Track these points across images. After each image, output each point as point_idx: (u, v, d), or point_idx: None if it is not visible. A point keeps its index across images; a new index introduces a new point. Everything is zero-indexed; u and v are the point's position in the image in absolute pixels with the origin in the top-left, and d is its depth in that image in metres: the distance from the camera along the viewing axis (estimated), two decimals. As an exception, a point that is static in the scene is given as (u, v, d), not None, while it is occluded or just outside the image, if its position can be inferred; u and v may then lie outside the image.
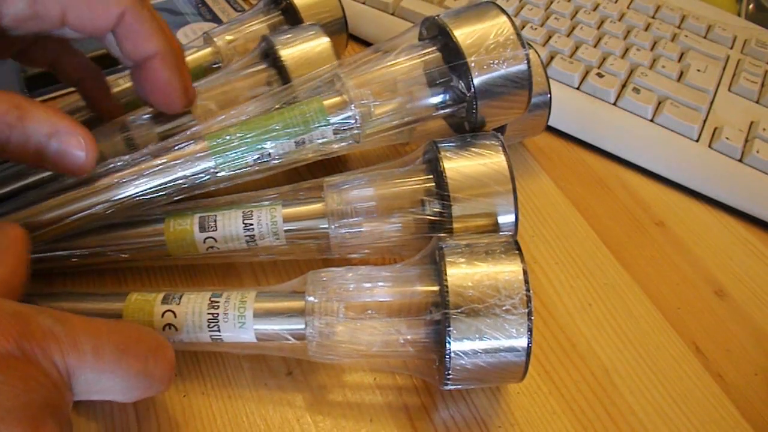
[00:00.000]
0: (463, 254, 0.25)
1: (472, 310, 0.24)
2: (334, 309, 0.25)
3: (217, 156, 0.28)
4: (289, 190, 0.31)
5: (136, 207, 0.29)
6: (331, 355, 0.26)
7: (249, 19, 0.39)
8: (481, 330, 0.24)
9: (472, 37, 0.29)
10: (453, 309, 0.24)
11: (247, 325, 0.25)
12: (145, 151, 0.29)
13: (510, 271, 0.24)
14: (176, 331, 0.25)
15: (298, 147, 0.29)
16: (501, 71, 0.29)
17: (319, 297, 0.25)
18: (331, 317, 0.25)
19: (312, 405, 0.28)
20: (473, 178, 0.28)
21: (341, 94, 0.30)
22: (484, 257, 0.25)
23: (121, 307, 0.26)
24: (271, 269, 0.32)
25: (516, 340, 0.24)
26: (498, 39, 0.29)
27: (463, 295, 0.24)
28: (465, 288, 0.24)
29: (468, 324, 0.24)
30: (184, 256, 0.30)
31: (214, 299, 0.26)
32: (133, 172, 0.28)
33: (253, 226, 0.29)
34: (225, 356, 0.29)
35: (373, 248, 0.30)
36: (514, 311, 0.24)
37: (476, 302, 0.24)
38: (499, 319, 0.24)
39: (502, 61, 0.29)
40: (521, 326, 0.24)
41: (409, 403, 0.28)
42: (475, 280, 0.24)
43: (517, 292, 0.24)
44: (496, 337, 0.24)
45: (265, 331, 0.25)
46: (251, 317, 0.25)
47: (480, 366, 0.24)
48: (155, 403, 0.27)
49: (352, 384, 0.28)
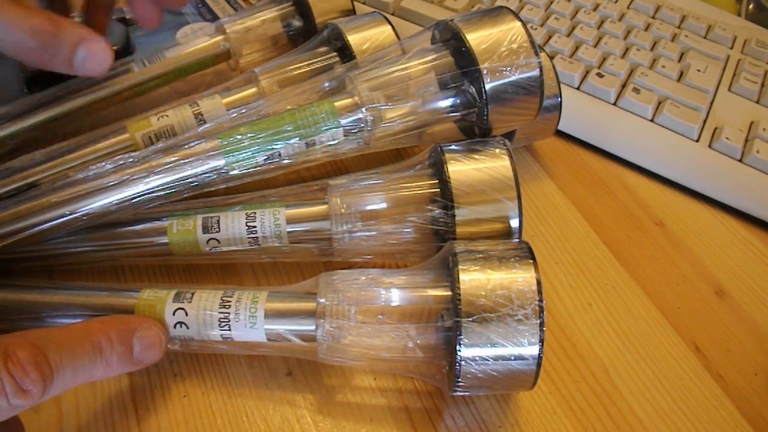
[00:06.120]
0: (477, 261, 0.25)
1: (484, 319, 0.24)
2: (345, 312, 0.25)
3: (228, 155, 0.28)
4: (293, 192, 0.31)
5: (146, 203, 0.29)
6: (340, 357, 0.26)
7: (260, 9, 0.40)
8: (492, 339, 0.23)
9: (486, 42, 0.29)
10: (465, 317, 0.23)
11: (258, 325, 0.25)
12: (155, 147, 0.29)
13: (523, 281, 0.24)
14: (187, 329, 0.26)
15: (308, 148, 0.29)
16: (513, 78, 0.29)
17: (330, 299, 0.25)
18: (343, 320, 0.25)
19: (312, 405, 0.28)
20: (478, 184, 0.28)
21: (352, 96, 0.30)
22: (498, 265, 0.25)
23: (134, 303, 0.26)
24: (272, 270, 0.32)
25: (527, 350, 0.24)
26: (511, 45, 0.29)
27: (475, 304, 0.24)
28: (477, 296, 0.24)
29: (479, 333, 0.23)
30: (187, 256, 0.30)
31: (226, 298, 0.26)
32: (143, 169, 0.28)
33: (256, 227, 0.29)
34: (225, 356, 0.29)
35: (375, 252, 0.30)
36: (526, 321, 0.24)
37: (488, 311, 0.24)
38: (510, 328, 0.24)
39: (514, 68, 0.29)
40: (533, 336, 0.24)
41: (410, 404, 0.28)
42: (488, 289, 0.24)
43: (529, 302, 0.24)
44: (507, 346, 0.24)
45: (276, 332, 0.25)
46: (262, 317, 0.25)
47: (489, 374, 0.24)
48: (155, 403, 0.27)
49: (353, 384, 0.28)
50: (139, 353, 0.24)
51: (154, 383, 0.28)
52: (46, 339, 0.21)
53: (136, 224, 0.30)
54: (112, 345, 0.23)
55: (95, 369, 0.22)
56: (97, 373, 0.23)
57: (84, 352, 0.22)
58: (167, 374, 0.28)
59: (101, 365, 0.22)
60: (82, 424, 0.26)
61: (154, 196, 0.28)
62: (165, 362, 0.28)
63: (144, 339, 0.24)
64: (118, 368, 0.23)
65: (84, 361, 0.22)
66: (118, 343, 0.23)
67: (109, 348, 0.23)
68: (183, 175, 0.28)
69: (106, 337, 0.23)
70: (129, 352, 0.24)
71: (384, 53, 0.32)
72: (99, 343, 0.22)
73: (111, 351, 0.23)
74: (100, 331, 0.23)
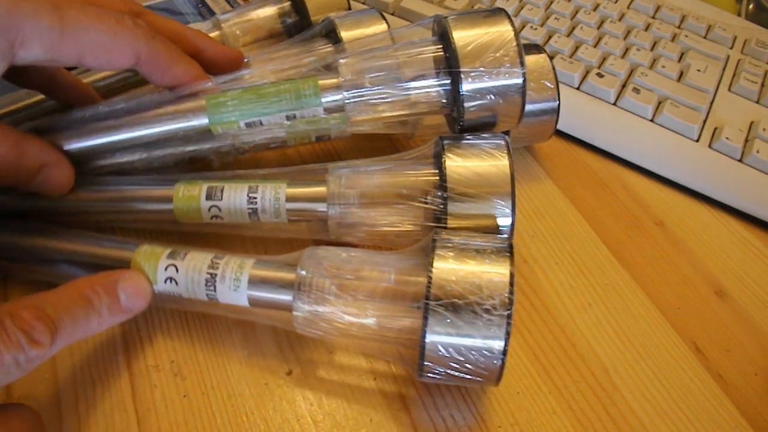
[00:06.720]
0: (454, 249, 0.25)
1: (452, 305, 0.24)
2: (323, 285, 0.26)
3: (212, 115, 0.30)
4: (298, 170, 0.32)
5: (135, 149, 0.31)
6: (315, 329, 0.26)
7: (257, 6, 0.40)
8: (458, 325, 0.24)
9: (472, 44, 0.29)
10: (433, 300, 0.24)
11: (241, 289, 0.26)
12: (148, 99, 0.31)
13: (496, 272, 0.24)
14: (176, 285, 0.27)
15: (288, 121, 0.31)
16: (493, 84, 0.29)
17: (310, 272, 0.26)
18: (319, 293, 0.26)
19: (312, 405, 0.28)
20: (473, 178, 0.28)
21: (337, 78, 0.30)
22: (474, 255, 0.25)
23: (131, 256, 0.27)
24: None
25: (492, 342, 0.24)
26: (497, 52, 0.29)
27: (444, 288, 0.24)
28: (448, 282, 0.24)
29: (446, 317, 0.24)
30: (188, 222, 0.31)
31: (216, 261, 0.27)
32: (136, 119, 0.30)
33: (256, 199, 0.29)
34: (225, 356, 0.29)
35: (369, 234, 0.30)
36: (493, 312, 0.24)
37: (457, 297, 0.24)
38: (477, 317, 0.24)
39: (495, 75, 0.29)
40: (499, 328, 0.23)
41: (410, 404, 0.28)
42: (459, 276, 0.24)
43: (499, 292, 0.24)
44: (472, 335, 0.24)
45: (257, 298, 0.26)
46: (246, 282, 0.26)
47: (455, 361, 0.24)
48: (155, 403, 0.27)
49: (353, 384, 0.28)
50: (126, 301, 0.26)
51: (154, 383, 0.28)
52: (40, 300, 0.23)
53: (147, 188, 0.31)
54: (100, 297, 0.25)
55: (90, 321, 0.24)
56: (93, 325, 0.24)
57: (76, 306, 0.24)
58: (167, 374, 0.28)
59: (94, 316, 0.24)
60: (82, 424, 0.26)
61: (139, 144, 0.30)
62: (165, 362, 0.29)
63: (128, 288, 0.26)
64: (109, 318, 0.25)
65: (78, 314, 0.24)
66: (105, 294, 0.25)
67: (97, 300, 0.24)
68: (169, 128, 0.30)
69: (92, 291, 0.24)
70: (116, 301, 0.25)
71: (374, 40, 0.33)
72: (88, 296, 0.24)
73: (100, 302, 0.24)
74: (86, 287, 0.24)
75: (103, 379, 0.28)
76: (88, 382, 0.28)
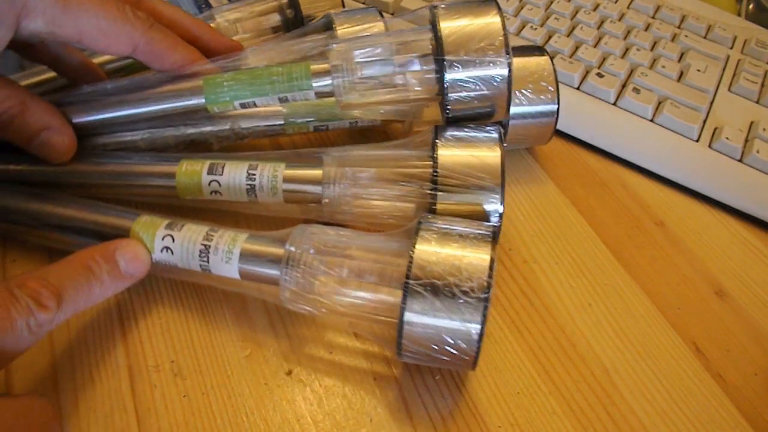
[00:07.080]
0: (438, 233, 0.26)
1: (431, 285, 0.24)
2: (310, 261, 0.26)
3: (208, 94, 0.31)
4: (296, 154, 0.33)
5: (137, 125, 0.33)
6: (301, 305, 0.27)
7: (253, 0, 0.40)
8: (436, 305, 0.24)
9: (458, 33, 0.29)
10: (413, 280, 0.24)
11: (232, 262, 0.27)
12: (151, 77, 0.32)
13: (476, 256, 0.25)
14: (172, 254, 0.28)
15: (281, 102, 0.32)
16: (478, 73, 0.29)
17: (299, 248, 0.27)
18: (306, 268, 0.26)
19: (312, 405, 0.28)
20: (464, 166, 0.28)
21: (329, 63, 0.31)
22: (457, 239, 0.25)
23: (131, 224, 0.28)
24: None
25: (468, 324, 0.24)
26: (483, 42, 0.29)
27: (424, 269, 0.24)
28: (428, 263, 0.24)
29: (424, 297, 0.24)
30: (189, 198, 0.31)
31: (211, 233, 0.28)
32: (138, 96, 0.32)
33: (255, 176, 0.30)
34: (225, 356, 0.29)
35: (361, 216, 0.31)
36: (471, 294, 0.24)
37: (437, 278, 0.24)
38: (455, 298, 0.24)
39: (480, 64, 0.29)
40: (476, 310, 0.24)
41: (410, 403, 0.28)
42: (440, 257, 0.25)
43: (478, 275, 0.24)
44: (450, 316, 0.24)
45: (248, 271, 0.27)
46: (238, 255, 0.27)
47: (432, 341, 0.24)
48: (155, 403, 0.27)
49: (353, 383, 0.28)
50: (126, 267, 0.27)
51: (154, 383, 0.28)
52: (44, 271, 0.24)
53: (150, 163, 0.32)
54: (99, 264, 0.26)
55: (92, 287, 0.25)
56: (95, 290, 0.25)
57: (78, 274, 0.25)
58: (167, 374, 0.28)
59: (96, 284, 0.25)
60: (82, 424, 0.26)
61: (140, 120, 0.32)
62: (165, 362, 0.29)
63: (126, 254, 0.27)
64: (111, 285, 0.26)
65: (80, 281, 0.25)
66: (104, 261, 0.26)
67: (97, 268, 0.25)
68: (169, 106, 0.32)
69: (92, 260, 0.26)
70: (116, 268, 0.26)
71: (368, 28, 0.34)
72: (88, 265, 0.25)
73: (100, 270, 0.25)
74: (86, 257, 0.26)
75: (103, 379, 0.28)
76: (89, 381, 0.28)
